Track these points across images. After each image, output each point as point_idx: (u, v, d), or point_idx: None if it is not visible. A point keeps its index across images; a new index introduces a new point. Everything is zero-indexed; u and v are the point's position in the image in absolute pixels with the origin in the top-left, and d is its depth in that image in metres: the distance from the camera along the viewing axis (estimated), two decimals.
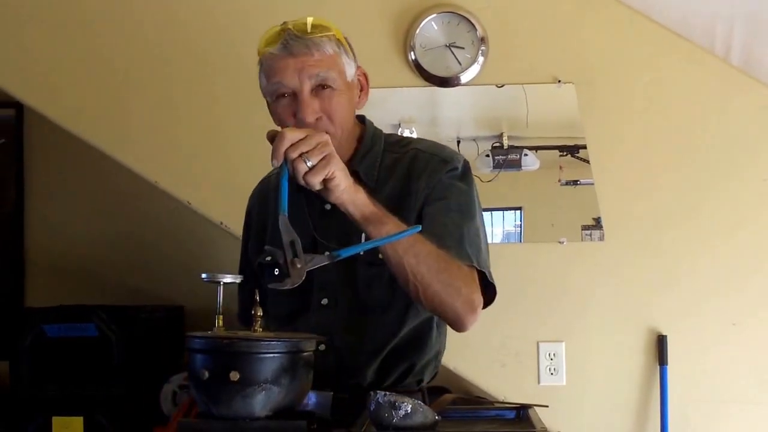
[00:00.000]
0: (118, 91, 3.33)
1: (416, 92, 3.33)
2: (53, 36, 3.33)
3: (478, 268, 2.18)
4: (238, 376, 1.78)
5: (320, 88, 2.14)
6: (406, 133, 3.33)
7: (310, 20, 2.17)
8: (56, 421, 3.23)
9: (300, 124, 2.11)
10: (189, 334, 1.87)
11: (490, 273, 2.23)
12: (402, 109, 3.36)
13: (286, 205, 1.90)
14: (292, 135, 1.91)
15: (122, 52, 3.33)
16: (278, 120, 2.19)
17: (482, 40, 3.26)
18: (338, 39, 2.18)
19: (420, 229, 1.99)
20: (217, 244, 3.61)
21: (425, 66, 3.28)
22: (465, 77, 3.28)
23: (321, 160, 1.91)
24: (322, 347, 2.19)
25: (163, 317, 3.59)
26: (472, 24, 3.25)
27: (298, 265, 1.88)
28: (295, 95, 2.13)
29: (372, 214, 2.01)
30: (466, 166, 2.31)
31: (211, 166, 3.30)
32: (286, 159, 1.90)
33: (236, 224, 3.20)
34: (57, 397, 3.24)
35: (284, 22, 2.17)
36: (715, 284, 3.24)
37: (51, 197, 3.92)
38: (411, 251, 2.04)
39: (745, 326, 3.23)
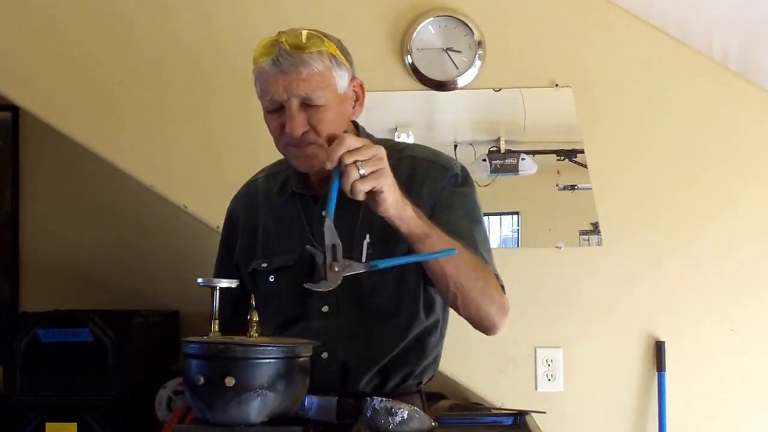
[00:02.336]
0: (114, 94, 3.32)
1: (413, 96, 3.32)
2: (50, 40, 3.32)
3: (495, 272, 2.23)
4: (234, 382, 1.77)
5: (308, 103, 2.15)
6: (403, 137, 3.32)
7: (304, 33, 2.16)
8: (50, 427, 3.22)
9: (288, 137, 2.15)
10: (185, 339, 1.87)
11: (498, 275, 2.25)
12: (399, 113, 3.35)
13: (333, 209, 1.91)
14: (350, 141, 1.92)
15: (118, 56, 3.32)
16: (270, 129, 2.22)
17: (479, 44, 3.25)
18: (331, 52, 2.18)
19: (456, 251, 2.02)
20: (212, 249, 3.58)
21: (422, 69, 3.28)
22: (462, 81, 3.28)
23: (374, 171, 1.92)
24: (324, 355, 2.20)
25: (158, 322, 3.58)
26: (469, 28, 3.25)
27: (336, 269, 1.89)
28: (284, 108, 2.15)
29: (417, 228, 2.03)
30: (465, 170, 2.33)
31: (208, 170, 3.29)
32: (339, 163, 1.90)
33: None
34: (51, 403, 3.23)
35: (279, 33, 2.18)
36: (714, 290, 3.24)
37: (47, 201, 3.91)
38: (452, 262, 2.07)
39: (743, 332, 3.24)
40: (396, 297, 2.23)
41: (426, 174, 2.25)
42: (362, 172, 1.90)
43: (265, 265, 2.32)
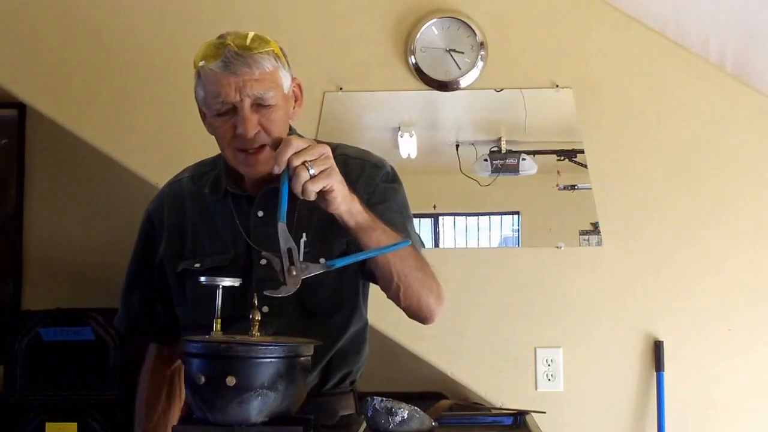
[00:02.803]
0: (121, 93, 3.33)
1: (416, 96, 3.34)
2: (57, 37, 3.33)
3: None
4: (235, 381, 1.77)
5: (259, 104, 2.15)
6: (406, 137, 3.34)
7: (250, 34, 2.17)
8: (50, 426, 3.22)
9: (241, 138, 2.15)
10: (186, 338, 1.88)
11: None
12: (402, 113, 3.37)
13: (285, 213, 1.92)
14: (297, 143, 1.93)
15: (126, 55, 3.33)
16: (217, 133, 2.22)
17: (482, 45, 3.27)
18: (276, 53, 2.19)
19: (410, 242, 2.06)
20: None
21: (425, 70, 3.29)
22: (464, 81, 3.29)
23: (323, 170, 1.93)
24: None
25: None
26: (472, 29, 3.27)
27: (294, 273, 1.90)
28: (235, 109, 2.15)
29: (365, 221, 2.05)
30: (394, 169, 2.37)
31: None
32: (288, 166, 1.91)
33: None
34: (51, 402, 3.24)
35: (222, 36, 2.18)
36: (712, 290, 3.25)
37: (51, 199, 3.92)
38: (397, 253, 2.10)
39: (741, 332, 3.24)
40: (337, 293, 2.24)
41: (360, 171, 2.28)
42: (312, 172, 1.91)
43: (198, 265, 2.29)
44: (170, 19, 3.33)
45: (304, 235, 1.96)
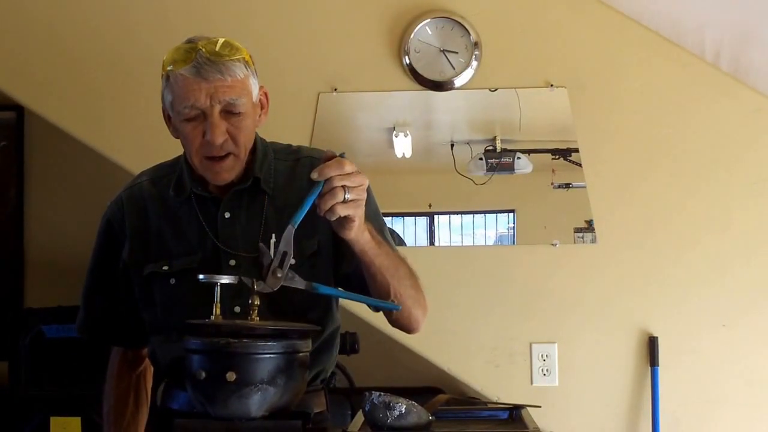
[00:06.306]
0: (118, 95, 3.33)
1: (411, 96, 3.35)
2: (55, 39, 3.34)
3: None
4: (235, 377, 1.80)
5: (229, 111, 2.14)
6: (401, 137, 3.36)
7: (220, 41, 2.15)
8: (54, 421, 3.24)
9: (208, 144, 2.14)
10: (187, 335, 1.89)
11: None
12: (396, 113, 3.39)
13: (300, 218, 1.93)
14: (346, 167, 1.93)
15: (124, 55, 3.33)
16: (185, 138, 2.20)
17: (476, 45, 3.28)
18: (246, 60, 2.18)
19: (400, 308, 2.11)
20: None
21: (419, 70, 3.30)
22: (459, 81, 3.30)
23: (355, 200, 1.94)
24: None
25: None
26: (466, 29, 3.28)
27: (279, 275, 1.91)
28: (204, 115, 2.14)
29: (370, 249, 2.08)
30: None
31: None
32: (326, 180, 1.92)
33: None
34: (55, 398, 3.26)
35: (191, 40, 2.17)
36: (706, 286, 3.26)
37: (51, 199, 3.93)
38: (396, 275, 2.14)
39: (735, 328, 3.25)
40: (309, 295, 2.14)
41: None
42: (347, 197, 1.92)
43: (166, 267, 2.27)
44: (168, 20, 3.33)
45: (273, 236, 1.96)
